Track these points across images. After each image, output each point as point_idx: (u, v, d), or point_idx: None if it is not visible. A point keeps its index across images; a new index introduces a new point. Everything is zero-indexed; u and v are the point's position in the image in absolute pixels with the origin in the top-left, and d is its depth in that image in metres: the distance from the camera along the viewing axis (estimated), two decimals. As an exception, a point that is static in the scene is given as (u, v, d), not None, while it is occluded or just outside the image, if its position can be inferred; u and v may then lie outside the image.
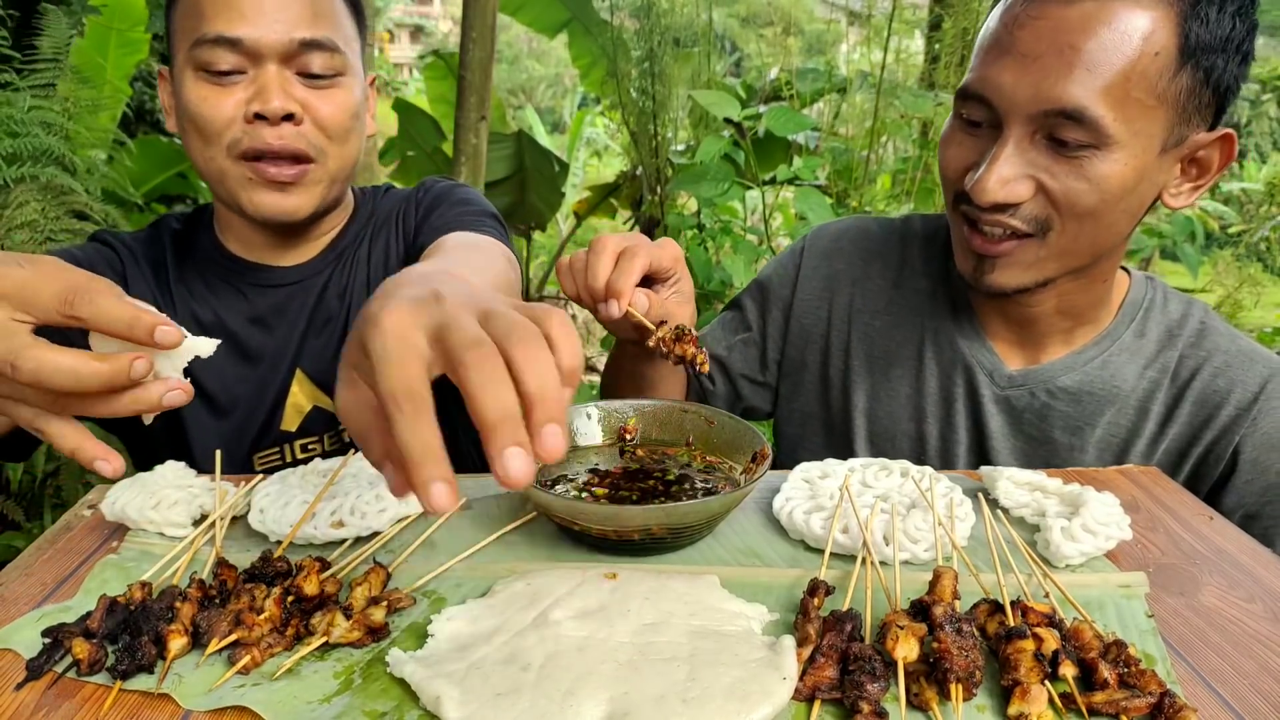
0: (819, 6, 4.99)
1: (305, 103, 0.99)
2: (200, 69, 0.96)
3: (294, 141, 0.98)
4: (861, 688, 0.53)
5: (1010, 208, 0.88)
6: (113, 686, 0.56)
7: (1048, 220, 0.89)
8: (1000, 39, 0.87)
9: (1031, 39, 0.84)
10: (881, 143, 2.83)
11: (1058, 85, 0.82)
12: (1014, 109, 0.86)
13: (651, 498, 0.78)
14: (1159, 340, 1.03)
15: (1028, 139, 0.86)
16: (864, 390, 1.13)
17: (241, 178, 1.00)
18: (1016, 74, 0.85)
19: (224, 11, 0.95)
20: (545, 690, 0.54)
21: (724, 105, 2.30)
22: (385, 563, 0.69)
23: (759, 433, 0.81)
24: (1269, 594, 0.69)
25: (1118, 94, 0.82)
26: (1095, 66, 0.82)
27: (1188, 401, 1.01)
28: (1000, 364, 1.05)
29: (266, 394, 1.12)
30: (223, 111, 0.96)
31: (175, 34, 1.00)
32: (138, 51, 3.24)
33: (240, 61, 0.96)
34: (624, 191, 4.84)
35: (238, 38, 0.94)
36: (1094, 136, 0.83)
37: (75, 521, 0.79)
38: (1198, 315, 1.05)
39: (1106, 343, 1.03)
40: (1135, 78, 0.82)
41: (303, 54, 0.97)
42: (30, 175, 2.07)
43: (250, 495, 0.78)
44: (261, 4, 0.95)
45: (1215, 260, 4.58)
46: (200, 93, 0.96)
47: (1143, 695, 0.54)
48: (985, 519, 0.74)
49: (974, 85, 0.89)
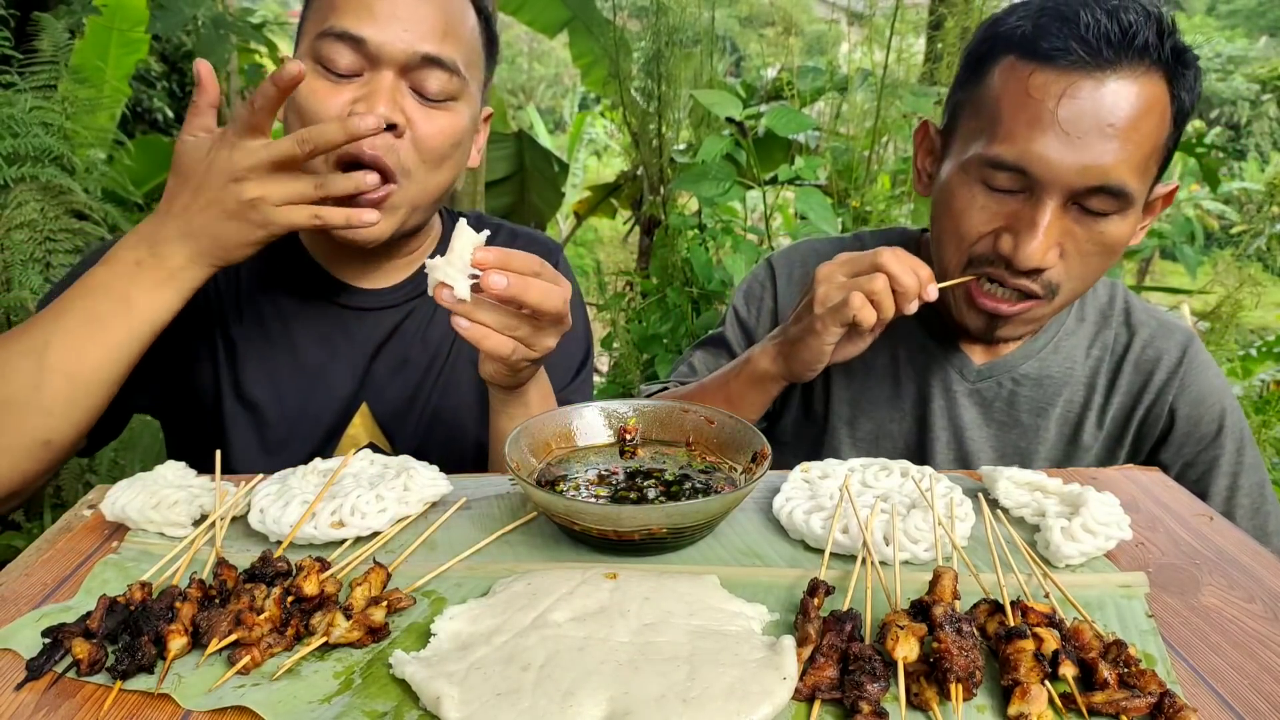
0: (819, 6, 4.99)
1: (410, 117, 0.95)
2: (319, 60, 0.94)
3: (385, 154, 0.93)
4: (861, 688, 0.53)
5: (1037, 273, 0.96)
6: (113, 686, 0.56)
7: (1058, 286, 0.98)
8: (1037, 114, 0.91)
9: (1072, 117, 0.90)
10: (882, 143, 2.83)
11: (1102, 163, 0.90)
12: (1056, 182, 0.92)
13: (651, 498, 0.78)
14: (1096, 321, 1.16)
15: (1061, 209, 0.94)
16: (845, 400, 1.20)
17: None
18: (1061, 152, 0.90)
19: (355, 7, 0.92)
20: (545, 690, 0.54)
21: (726, 105, 2.30)
22: (385, 563, 0.69)
23: (759, 433, 0.81)
24: (1269, 594, 0.69)
25: (1142, 166, 0.92)
26: (1130, 143, 0.90)
27: (1125, 372, 1.14)
28: (968, 360, 1.15)
29: (321, 417, 1.08)
30: (330, 108, 0.93)
31: (305, 22, 0.99)
32: (137, 51, 3.24)
33: (359, 63, 0.93)
34: (624, 191, 4.84)
35: (362, 36, 0.92)
36: (1122, 204, 0.93)
37: (75, 521, 0.79)
38: (1121, 295, 1.18)
39: (1053, 329, 1.15)
40: (1154, 153, 0.93)
41: (422, 69, 0.95)
42: (30, 175, 2.07)
43: (250, 495, 0.78)
44: (394, 8, 0.93)
45: (1215, 260, 4.58)
46: (315, 85, 0.93)
47: (1143, 695, 0.54)
48: (985, 519, 0.74)
49: (1013, 158, 0.93)
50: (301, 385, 1.07)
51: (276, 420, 1.07)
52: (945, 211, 1.01)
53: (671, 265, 2.73)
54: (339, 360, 1.08)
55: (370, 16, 0.92)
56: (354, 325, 1.09)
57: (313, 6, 0.98)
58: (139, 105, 4.99)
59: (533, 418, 0.85)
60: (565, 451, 0.86)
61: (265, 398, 1.06)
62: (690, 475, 0.82)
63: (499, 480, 0.88)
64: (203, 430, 1.07)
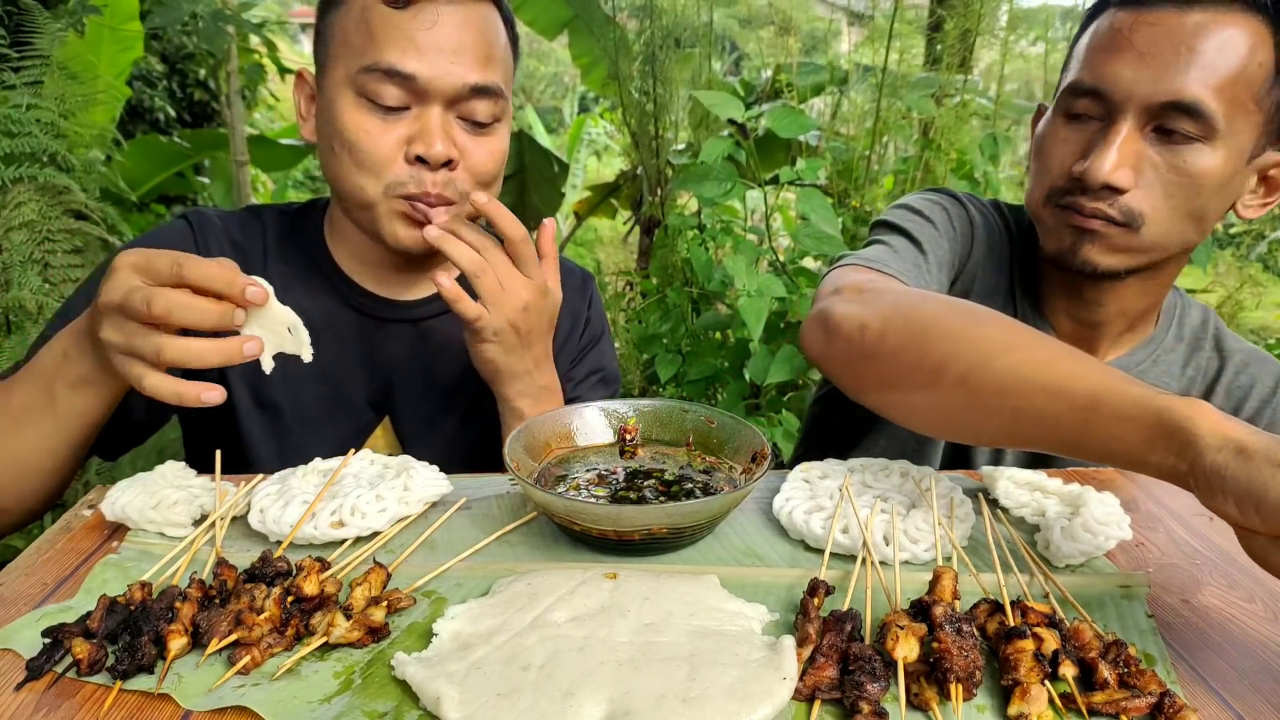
0: (819, 6, 4.99)
1: (463, 148, 0.96)
2: (363, 95, 0.92)
3: (446, 189, 0.95)
4: (861, 688, 0.53)
5: (1113, 194, 0.94)
6: (113, 686, 0.56)
7: (1139, 216, 0.94)
8: (1115, 39, 0.93)
9: (1149, 40, 0.91)
10: (883, 143, 2.83)
11: (1176, 79, 0.89)
12: (1130, 100, 0.91)
13: (651, 498, 0.78)
14: (1190, 343, 1.13)
15: (1138, 130, 0.92)
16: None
17: (392, 212, 0.96)
18: (1135, 69, 0.91)
19: (399, 41, 0.91)
20: (545, 690, 0.54)
21: (727, 106, 2.29)
22: (385, 563, 0.69)
23: (759, 432, 0.81)
24: (1269, 594, 0.69)
25: (1227, 93, 0.90)
26: (1209, 65, 0.89)
27: (1217, 396, 1.11)
28: None
29: (340, 426, 1.07)
30: (384, 148, 0.93)
31: (334, 44, 0.96)
32: (133, 49, 3.24)
33: (406, 98, 0.92)
34: (624, 191, 4.83)
35: (411, 74, 0.91)
36: (1202, 129, 0.90)
37: (75, 521, 0.79)
38: (1212, 321, 1.16)
39: (1153, 346, 1.12)
40: (1243, 80, 0.90)
41: (470, 99, 0.94)
42: (29, 176, 2.06)
43: (250, 495, 0.78)
44: (438, 40, 0.91)
45: (1216, 261, 4.58)
46: (361, 123, 0.93)
47: (1143, 695, 0.54)
48: (985, 519, 0.74)
49: (1089, 79, 0.94)
50: (322, 393, 1.06)
51: (295, 425, 1.06)
52: (1035, 152, 1.03)
53: (671, 265, 2.73)
54: (360, 370, 1.07)
55: (416, 51, 0.91)
56: (378, 336, 1.08)
57: (339, 26, 0.95)
58: (140, 105, 4.99)
59: (532, 418, 0.85)
60: (565, 451, 0.86)
61: (284, 402, 1.05)
62: (690, 475, 0.82)
63: (499, 480, 0.88)
64: (222, 432, 1.06)
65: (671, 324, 2.57)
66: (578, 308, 1.20)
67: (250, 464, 1.05)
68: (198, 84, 5.66)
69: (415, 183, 0.94)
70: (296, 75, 1.03)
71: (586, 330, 1.21)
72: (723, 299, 2.58)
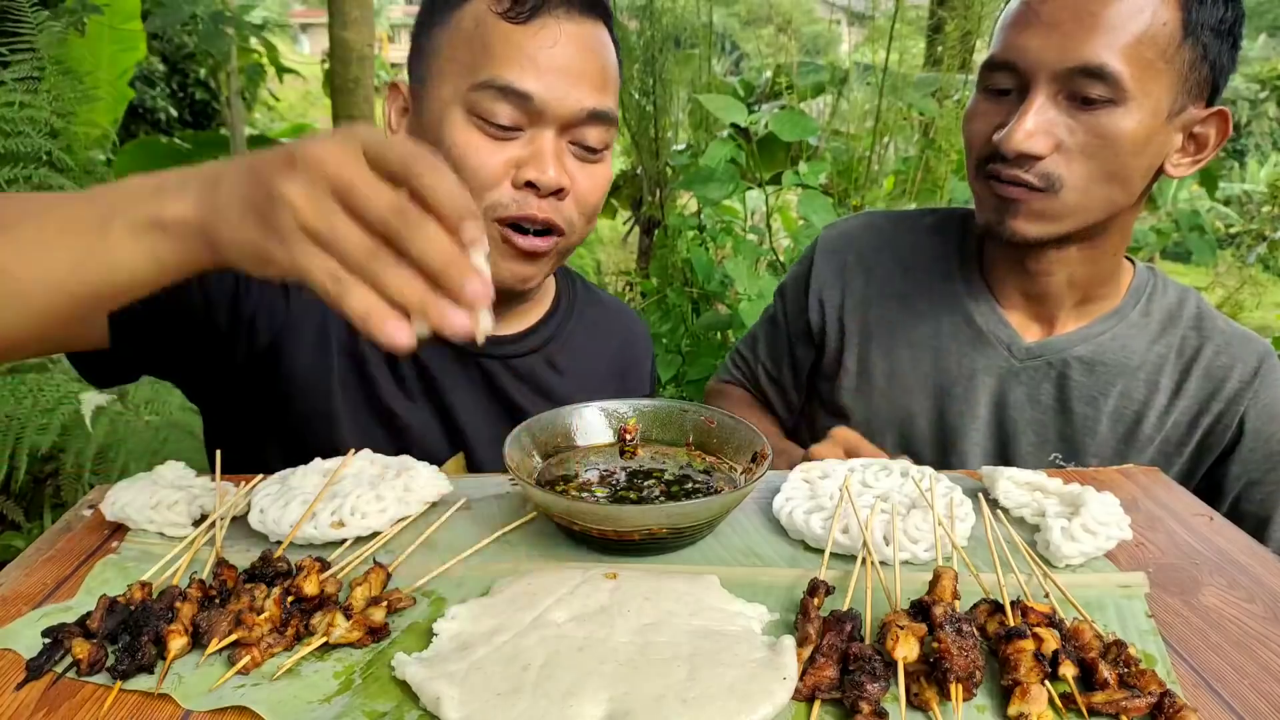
0: (819, 7, 4.99)
1: (572, 175, 0.92)
2: (474, 112, 0.88)
3: (554, 215, 0.92)
4: (861, 688, 0.53)
5: (1030, 161, 0.96)
6: (113, 686, 0.56)
7: (1059, 179, 0.96)
8: (1024, 13, 0.96)
9: (1054, 9, 0.94)
10: (883, 143, 2.83)
11: (1082, 45, 0.92)
12: (1040, 69, 0.94)
13: (651, 498, 0.78)
14: (1162, 321, 1.11)
15: (1051, 99, 0.95)
16: (882, 373, 1.17)
17: (494, 239, 0.92)
18: (1043, 39, 0.94)
19: (517, 58, 0.87)
20: (545, 690, 0.54)
21: (731, 110, 2.29)
22: (385, 563, 0.69)
23: (759, 433, 0.81)
24: (1269, 594, 0.69)
25: (1132, 53, 0.92)
26: (1113, 29, 0.92)
27: (1194, 376, 1.09)
28: (1017, 337, 1.11)
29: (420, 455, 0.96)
30: (492, 167, 0.89)
31: (439, 58, 0.91)
32: (135, 49, 3.24)
33: (520, 118, 0.89)
34: (624, 192, 4.83)
35: (528, 93, 0.87)
36: (1113, 91, 0.92)
37: (75, 521, 0.79)
38: (1194, 300, 1.14)
39: (1114, 319, 1.11)
40: (1147, 41, 0.92)
41: (585, 125, 0.91)
42: (23, 177, 2.05)
43: (250, 495, 0.78)
44: (558, 61, 0.87)
45: (1216, 260, 4.57)
46: (471, 140, 0.89)
47: (1143, 695, 0.54)
48: (985, 519, 0.74)
49: (1000, 54, 0.98)
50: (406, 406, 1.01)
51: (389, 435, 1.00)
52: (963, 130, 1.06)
53: (671, 266, 2.73)
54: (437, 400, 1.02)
55: (535, 69, 0.87)
56: (457, 368, 1.03)
57: (449, 40, 0.91)
58: (140, 105, 4.99)
59: (532, 418, 0.85)
60: (565, 451, 0.86)
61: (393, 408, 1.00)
62: (690, 475, 0.82)
63: (499, 480, 0.88)
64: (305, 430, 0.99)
65: (671, 324, 2.57)
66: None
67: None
68: (198, 84, 5.66)
69: (519, 205, 0.90)
70: (390, 87, 0.98)
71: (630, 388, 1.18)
72: (723, 299, 2.58)
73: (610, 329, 1.18)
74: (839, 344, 1.20)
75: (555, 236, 0.94)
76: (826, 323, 1.21)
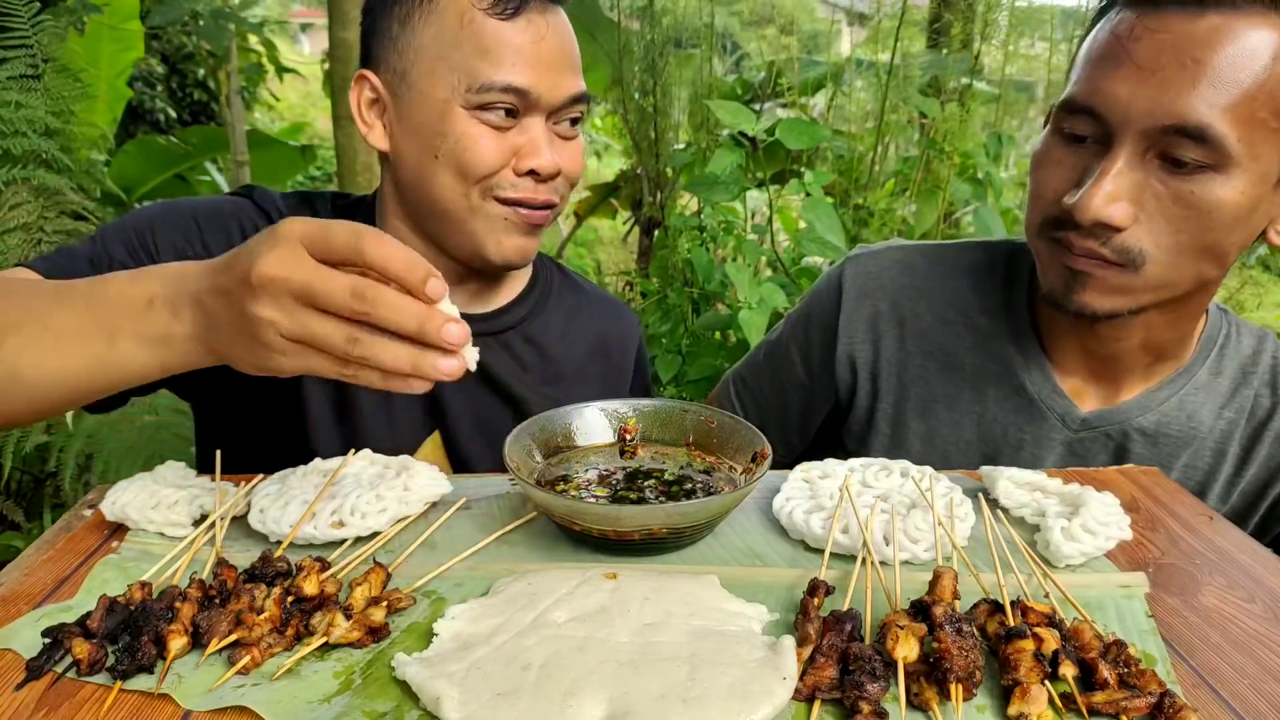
0: (820, 7, 4.99)
1: (557, 151, 0.99)
2: (476, 108, 0.94)
3: (551, 195, 0.99)
4: (861, 688, 0.53)
5: (1108, 232, 0.83)
6: (113, 686, 0.56)
7: (1140, 255, 0.84)
8: (1114, 50, 0.82)
9: (1151, 51, 0.79)
10: (884, 142, 2.83)
11: (1179, 99, 0.77)
12: (1128, 123, 0.80)
13: (651, 498, 0.78)
14: (1234, 378, 0.99)
15: (1139, 157, 0.81)
16: (918, 435, 1.06)
17: (499, 218, 0.97)
18: (1134, 86, 0.80)
19: (510, 57, 0.92)
20: (545, 690, 0.54)
21: (738, 117, 2.29)
22: (385, 563, 0.69)
23: (759, 433, 0.81)
24: (1269, 594, 0.69)
25: (1243, 113, 0.77)
26: (1220, 82, 0.77)
27: (1265, 442, 0.98)
28: (1072, 407, 0.99)
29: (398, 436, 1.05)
30: (494, 158, 0.95)
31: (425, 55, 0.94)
32: (134, 49, 3.24)
33: (518, 109, 0.95)
34: (624, 192, 4.83)
35: (526, 89, 0.93)
36: (1213, 156, 0.78)
37: (75, 521, 0.79)
38: (1270, 350, 1.00)
39: (1183, 380, 0.98)
40: (1263, 97, 0.77)
41: (565, 108, 0.98)
42: (21, 178, 2.05)
43: (250, 495, 0.78)
44: (545, 53, 0.94)
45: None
46: (474, 132, 0.94)
47: (1143, 695, 0.54)
48: (985, 519, 0.74)
49: (1082, 97, 0.84)
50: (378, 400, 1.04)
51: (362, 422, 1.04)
52: (1031, 172, 0.93)
53: (672, 266, 2.73)
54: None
55: (529, 66, 0.93)
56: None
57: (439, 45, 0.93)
58: (140, 105, 4.99)
59: (532, 417, 0.85)
60: (565, 451, 0.86)
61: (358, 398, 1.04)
62: (690, 475, 0.82)
63: (499, 480, 0.88)
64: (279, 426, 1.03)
65: (671, 324, 2.57)
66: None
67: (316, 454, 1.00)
68: (197, 84, 5.67)
69: (518, 189, 0.97)
70: (356, 77, 0.99)
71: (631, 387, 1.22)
72: (723, 299, 2.58)
73: (593, 314, 1.21)
74: (870, 403, 1.09)
75: (550, 210, 1.01)
76: (858, 381, 1.09)
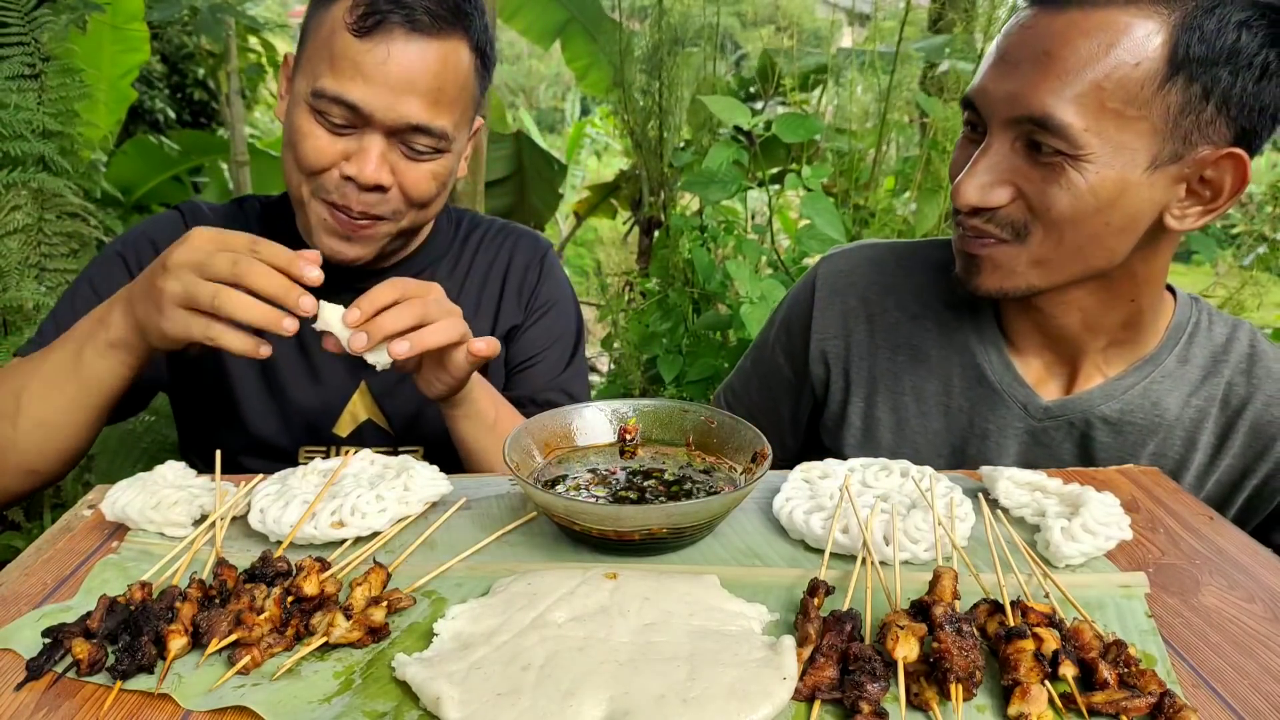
0: (820, 6, 4.99)
1: (397, 170, 1.00)
2: (315, 108, 0.98)
3: (375, 208, 1.01)
4: (861, 688, 0.53)
5: (987, 212, 0.89)
6: (113, 686, 0.56)
7: (1024, 226, 0.88)
8: (997, 47, 0.88)
9: (1015, 47, 0.85)
10: (885, 140, 2.83)
11: (1031, 91, 0.83)
12: (994, 115, 0.87)
13: (651, 498, 0.78)
14: (1204, 366, 0.99)
15: (1009, 145, 0.87)
16: (888, 427, 1.09)
17: (318, 217, 1.02)
18: (998, 81, 0.86)
19: (348, 70, 0.95)
20: (545, 690, 0.54)
21: (734, 113, 2.29)
22: (385, 563, 0.69)
23: (759, 433, 0.81)
24: (1269, 594, 0.69)
25: (1090, 103, 0.81)
26: (1066, 74, 0.81)
27: (1240, 432, 0.98)
28: (1034, 395, 1.01)
29: (325, 393, 1.14)
30: (323, 156, 0.98)
31: (306, 49, 1.00)
32: (139, 51, 3.23)
33: (352, 118, 0.97)
34: (624, 191, 4.84)
35: (354, 103, 0.95)
36: (1066, 144, 0.82)
37: (75, 521, 0.79)
38: (1245, 339, 1.00)
39: (1148, 369, 0.99)
40: (1110, 87, 0.81)
41: (411, 134, 0.99)
42: (20, 181, 2.04)
43: (250, 495, 0.78)
44: (387, 74, 0.95)
45: (1218, 260, 4.57)
46: (310, 129, 0.98)
47: (1143, 695, 0.54)
48: (985, 519, 0.74)
49: (968, 92, 0.91)
50: (306, 365, 1.14)
51: (289, 393, 1.13)
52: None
53: (672, 266, 2.73)
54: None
55: (363, 81, 0.95)
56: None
57: (313, 45, 0.99)
58: (140, 106, 4.99)
59: (533, 418, 0.85)
60: (565, 451, 0.86)
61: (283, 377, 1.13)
62: (690, 475, 0.82)
63: (499, 480, 0.88)
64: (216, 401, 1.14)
65: (672, 324, 2.57)
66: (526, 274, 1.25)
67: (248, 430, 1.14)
68: (197, 84, 5.66)
69: (340, 195, 1.00)
70: (284, 58, 1.07)
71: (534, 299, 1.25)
72: (723, 299, 2.58)
73: (486, 247, 1.25)
74: (843, 396, 1.12)
75: (379, 222, 1.03)
76: (831, 376, 1.13)
